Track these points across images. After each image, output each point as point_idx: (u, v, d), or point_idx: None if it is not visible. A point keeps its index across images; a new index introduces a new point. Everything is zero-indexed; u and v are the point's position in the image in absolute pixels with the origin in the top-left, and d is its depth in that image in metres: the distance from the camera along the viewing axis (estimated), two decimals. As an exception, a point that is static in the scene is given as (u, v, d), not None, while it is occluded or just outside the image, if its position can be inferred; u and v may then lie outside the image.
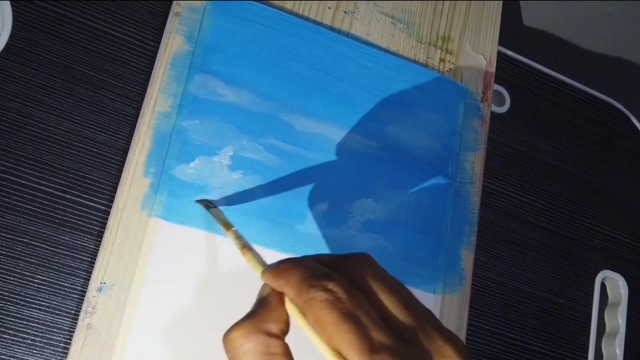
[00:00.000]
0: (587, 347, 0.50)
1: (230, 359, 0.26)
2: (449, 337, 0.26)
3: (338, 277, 0.26)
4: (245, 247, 0.33)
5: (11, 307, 0.35)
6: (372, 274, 0.27)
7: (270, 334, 0.26)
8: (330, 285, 0.25)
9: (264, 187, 0.40)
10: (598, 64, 0.68)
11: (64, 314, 0.36)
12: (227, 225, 0.35)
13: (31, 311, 0.36)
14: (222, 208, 0.38)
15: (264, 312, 0.26)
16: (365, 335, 0.24)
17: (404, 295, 0.27)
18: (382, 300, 0.26)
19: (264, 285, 0.28)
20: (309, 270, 0.26)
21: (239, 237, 0.34)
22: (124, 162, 0.38)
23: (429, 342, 0.25)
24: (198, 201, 0.38)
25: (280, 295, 0.27)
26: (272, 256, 0.39)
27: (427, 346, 0.25)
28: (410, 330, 0.25)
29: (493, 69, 0.50)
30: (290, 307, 0.27)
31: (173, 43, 0.40)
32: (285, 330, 0.26)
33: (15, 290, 0.35)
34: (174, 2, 0.41)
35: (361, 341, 0.23)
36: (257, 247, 0.39)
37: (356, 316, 0.24)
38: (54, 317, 0.36)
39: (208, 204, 0.38)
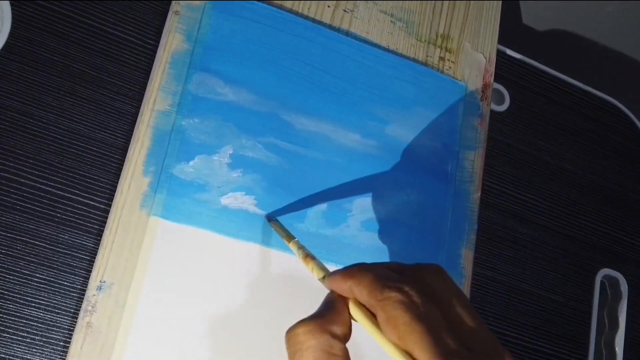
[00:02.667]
0: (587, 345, 0.50)
1: (292, 354, 0.26)
2: (505, 354, 0.26)
3: (412, 282, 0.26)
4: (308, 256, 0.34)
5: (11, 306, 0.35)
6: (444, 284, 0.27)
7: (334, 336, 0.26)
8: (406, 288, 0.25)
9: (264, 186, 0.40)
10: (598, 62, 0.68)
11: (64, 312, 0.36)
12: (289, 237, 0.37)
13: (31, 310, 0.36)
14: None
15: (331, 314, 0.27)
16: (438, 338, 0.24)
17: (473, 310, 0.27)
18: (453, 311, 0.26)
19: (330, 293, 0.29)
20: (382, 273, 0.27)
21: (300, 247, 0.35)
22: (123, 161, 0.38)
23: (494, 356, 0.25)
24: (266, 216, 0.39)
25: (346, 301, 0.27)
26: (270, 255, 0.39)
27: (493, 358, 0.25)
28: (480, 343, 0.25)
29: (492, 68, 0.50)
30: (356, 311, 0.27)
31: (172, 42, 0.40)
32: (348, 335, 0.27)
33: (14, 289, 0.35)
34: (173, 1, 0.41)
35: (434, 344, 0.24)
36: (256, 246, 0.39)
37: (431, 320, 0.24)
38: (54, 316, 0.36)
39: (270, 218, 0.39)
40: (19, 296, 0.35)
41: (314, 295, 0.40)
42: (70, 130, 0.38)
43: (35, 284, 0.36)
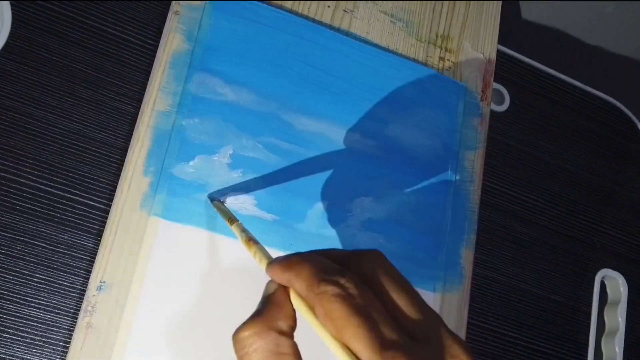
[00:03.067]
0: (587, 345, 0.50)
1: (240, 358, 0.26)
2: (458, 339, 0.25)
3: (349, 273, 0.26)
4: (251, 240, 0.32)
5: (11, 306, 0.35)
6: (383, 271, 0.27)
7: (281, 332, 0.25)
8: (342, 281, 0.25)
9: (264, 186, 0.40)
10: (598, 62, 0.68)
11: (64, 312, 0.36)
12: (232, 219, 0.35)
13: (31, 310, 0.36)
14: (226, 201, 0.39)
15: (273, 310, 0.26)
16: (376, 330, 0.23)
17: (413, 295, 0.26)
18: (393, 299, 0.26)
19: (270, 283, 0.28)
20: (320, 265, 0.26)
21: (244, 230, 0.34)
22: (123, 161, 0.38)
23: (439, 342, 0.25)
24: (208, 196, 0.38)
25: (287, 291, 0.27)
26: (271, 255, 0.39)
27: (437, 345, 0.25)
28: (420, 329, 0.25)
29: (492, 68, 0.50)
30: (297, 302, 0.26)
31: (172, 42, 0.40)
32: (294, 327, 0.26)
33: (14, 289, 0.35)
34: (174, 1, 0.41)
35: (372, 336, 0.23)
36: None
37: (368, 312, 0.24)
38: (54, 316, 0.36)
39: (213, 198, 0.38)
40: (18, 296, 0.35)
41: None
42: (70, 131, 0.38)
43: (35, 284, 0.36)
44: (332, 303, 0.24)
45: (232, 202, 0.39)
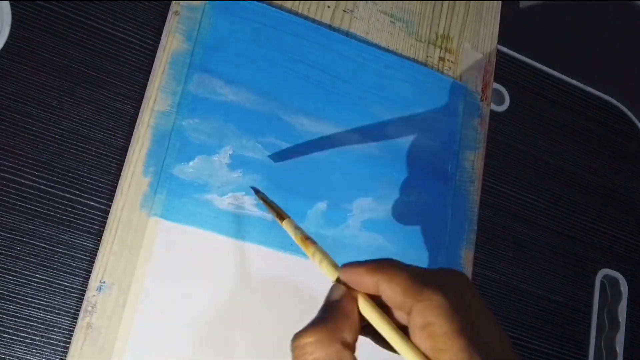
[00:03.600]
0: (588, 345, 0.50)
1: None
2: None
3: (450, 287, 0.23)
4: (308, 239, 0.29)
5: (11, 307, 0.35)
6: (473, 295, 0.24)
7: (345, 344, 0.23)
8: (448, 292, 0.22)
9: (263, 186, 0.40)
10: (598, 63, 0.68)
11: (64, 313, 0.36)
12: (282, 215, 0.33)
13: (31, 310, 0.36)
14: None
15: (339, 319, 0.24)
16: (478, 355, 0.21)
17: (496, 323, 0.24)
18: (482, 325, 0.23)
19: (336, 288, 0.26)
20: (416, 271, 0.24)
21: (297, 227, 0.31)
22: (123, 161, 0.38)
23: None
24: (252, 187, 0.37)
25: (354, 300, 0.25)
26: (271, 255, 0.39)
27: None
28: (505, 356, 0.23)
29: (492, 68, 0.49)
30: (370, 308, 0.24)
31: (172, 42, 0.40)
32: (357, 340, 0.24)
33: (14, 289, 0.35)
34: (173, 1, 0.41)
35: None
36: (256, 246, 0.39)
37: (469, 335, 0.22)
38: (54, 317, 0.36)
39: (258, 190, 0.37)
40: (18, 297, 0.35)
41: (315, 295, 0.40)
42: (70, 131, 0.38)
43: (35, 284, 0.36)
44: (437, 317, 0.22)
45: (233, 202, 0.39)
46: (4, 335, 0.35)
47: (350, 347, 0.23)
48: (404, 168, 0.44)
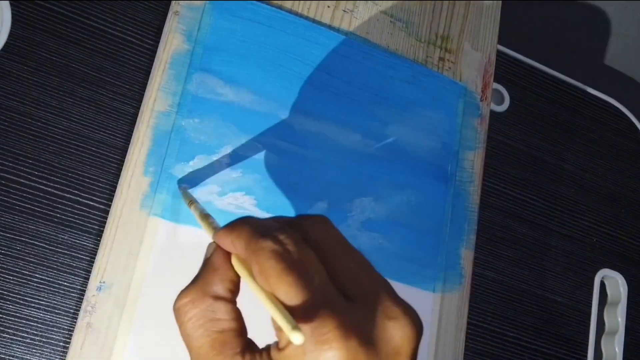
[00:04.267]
0: (587, 345, 0.50)
1: (179, 327, 0.25)
2: (402, 304, 0.25)
3: (290, 230, 0.25)
4: (202, 212, 0.32)
5: (10, 306, 0.35)
6: (327, 235, 0.26)
7: (217, 297, 0.25)
8: (282, 237, 0.24)
9: (264, 186, 0.40)
10: (598, 62, 0.68)
11: (64, 313, 0.36)
12: (191, 201, 0.35)
13: (30, 310, 0.36)
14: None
15: (208, 274, 0.26)
16: (310, 289, 0.23)
17: (357, 261, 0.26)
18: (334, 262, 0.25)
19: (209, 246, 0.27)
20: (263, 224, 0.25)
21: (193, 203, 0.34)
22: (123, 161, 0.38)
23: (375, 303, 0.24)
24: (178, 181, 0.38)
25: (227, 254, 0.26)
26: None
27: (372, 306, 0.24)
28: (359, 292, 0.24)
29: (492, 68, 0.49)
30: (237, 264, 0.25)
31: (172, 42, 0.40)
32: (234, 291, 0.26)
33: (14, 289, 0.35)
34: (173, 1, 0.41)
35: (305, 295, 0.23)
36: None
37: (304, 270, 0.23)
38: (54, 316, 0.36)
39: (180, 185, 0.38)
40: (18, 296, 0.35)
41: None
42: (70, 131, 0.38)
43: (35, 284, 0.36)
44: (268, 260, 0.23)
45: (233, 202, 0.39)
46: (4, 335, 0.35)
47: (224, 299, 0.25)
48: (404, 168, 0.44)
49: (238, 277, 0.26)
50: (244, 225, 0.25)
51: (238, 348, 0.25)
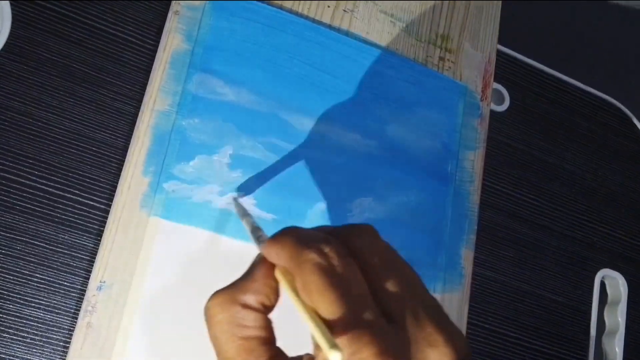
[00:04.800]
0: (587, 345, 0.50)
1: (207, 327, 0.26)
2: (447, 330, 0.24)
3: (335, 241, 0.24)
4: (253, 226, 0.31)
5: (11, 306, 0.35)
6: (374, 248, 0.25)
7: (245, 306, 0.25)
8: (327, 249, 0.24)
9: (264, 186, 0.40)
10: (598, 62, 0.68)
11: (64, 312, 0.36)
12: (244, 213, 0.35)
13: (31, 310, 0.36)
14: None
15: (245, 283, 0.25)
16: (350, 307, 0.22)
17: (403, 277, 0.25)
18: (378, 278, 0.24)
19: (256, 257, 0.27)
20: (307, 234, 0.25)
21: (245, 214, 0.34)
22: (123, 161, 0.38)
23: (417, 327, 0.23)
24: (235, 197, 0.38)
25: (270, 266, 0.26)
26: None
27: (414, 330, 0.23)
28: (401, 312, 0.23)
29: (492, 68, 0.50)
30: (280, 275, 0.25)
31: (172, 42, 0.40)
32: (269, 304, 0.25)
33: (14, 289, 0.35)
34: (173, 1, 0.41)
35: (344, 313, 0.22)
36: (256, 246, 0.39)
37: (347, 286, 0.23)
38: (54, 316, 0.36)
39: (235, 198, 0.38)
40: (18, 296, 0.35)
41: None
42: (70, 131, 0.38)
43: (35, 284, 0.36)
44: (311, 274, 0.23)
45: (233, 202, 0.39)
46: (4, 335, 0.35)
47: (254, 309, 0.25)
48: (404, 168, 0.44)
49: (277, 291, 0.26)
50: (288, 236, 0.25)
51: (264, 356, 0.24)
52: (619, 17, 0.63)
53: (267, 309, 0.25)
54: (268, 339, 0.25)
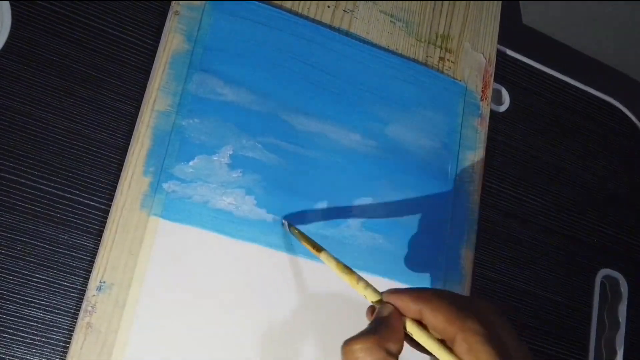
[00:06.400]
0: (588, 345, 0.50)
1: None
2: None
3: (484, 318, 0.27)
4: (348, 268, 0.33)
5: (11, 306, 0.35)
6: (500, 319, 0.28)
7: (389, 353, 0.27)
8: (485, 321, 0.27)
9: (264, 186, 0.40)
10: (597, 63, 0.68)
11: (64, 313, 0.36)
12: (318, 248, 0.36)
13: (31, 310, 0.36)
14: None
15: (387, 332, 0.28)
16: None
17: (519, 340, 0.28)
18: (509, 343, 0.27)
19: (384, 306, 0.29)
20: (456, 301, 0.28)
21: (335, 258, 0.34)
22: (123, 161, 0.38)
23: None
24: (284, 220, 0.39)
25: (400, 318, 0.28)
26: (271, 255, 0.39)
27: None
28: None
29: (492, 68, 0.50)
30: (418, 330, 0.28)
31: (172, 42, 0.40)
32: (400, 352, 0.28)
33: (14, 289, 0.35)
34: (173, 1, 0.41)
35: None
36: (256, 246, 0.39)
37: (507, 356, 0.26)
38: (54, 316, 0.36)
39: (291, 223, 0.39)
40: (18, 296, 0.35)
41: (312, 295, 0.40)
42: (70, 131, 0.38)
43: (35, 284, 0.36)
44: (479, 343, 0.26)
45: (233, 202, 0.39)
46: (4, 335, 0.35)
47: (394, 357, 0.27)
48: (404, 168, 0.44)
49: (403, 341, 0.28)
50: (439, 298, 0.28)
51: None
52: (619, 17, 0.63)
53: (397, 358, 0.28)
54: None
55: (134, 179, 0.37)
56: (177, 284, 0.37)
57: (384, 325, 0.28)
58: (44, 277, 0.36)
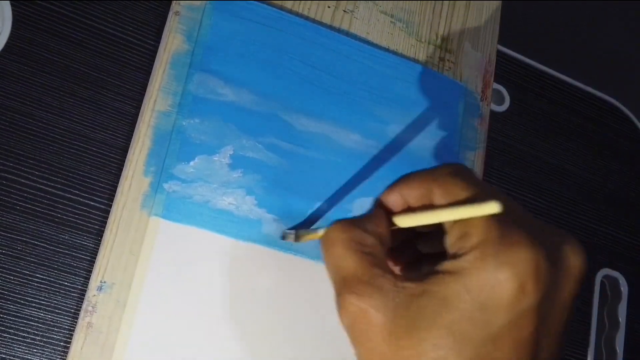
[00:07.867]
0: (587, 345, 0.50)
1: (325, 251, 0.27)
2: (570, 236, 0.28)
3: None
4: (313, 232, 0.34)
5: (11, 306, 0.35)
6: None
7: (366, 230, 0.27)
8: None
9: (264, 186, 0.40)
10: (598, 62, 0.68)
11: (64, 312, 0.36)
12: (316, 235, 0.36)
13: (31, 310, 0.36)
14: None
15: (364, 217, 0.28)
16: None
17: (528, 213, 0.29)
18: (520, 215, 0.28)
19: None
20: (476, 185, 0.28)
21: (299, 235, 0.35)
22: (123, 161, 0.38)
23: (550, 231, 0.27)
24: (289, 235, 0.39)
25: (386, 212, 0.28)
26: (271, 255, 0.39)
27: (550, 231, 0.27)
28: (537, 223, 0.27)
29: (492, 68, 0.50)
30: (401, 218, 0.28)
31: (173, 42, 0.40)
32: (383, 238, 0.27)
33: (15, 289, 0.35)
34: (174, 1, 0.41)
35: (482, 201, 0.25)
36: (256, 246, 0.39)
37: (486, 187, 0.26)
38: (54, 316, 0.36)
39: (293, 233, 0.39)
40: (19, 296, 0.35)
41: (313, 295, 0.40)
42: (71, 131, 0.38)
43: (35, 284, 0.36)
44: (452, 177, 0.26)
45: (233, 202, 0.39)
46: (4, 335, 0.35)
47: (373, 234, 0.27)
48: (404, 168, 0.44)
49: (389, 234, 0.28)
50: (410, 174, 0.29)
51: (389, 268, 0.26)
52: (620, 17, 0.63)
53: (382, 242, 0.27)
54: (384, 255, 0.27)
55: (134, 179, 0.37)
56: (178, 283, 0.37)
57: (364, 214, 0.28)
58: (44, 277, 0.36)
